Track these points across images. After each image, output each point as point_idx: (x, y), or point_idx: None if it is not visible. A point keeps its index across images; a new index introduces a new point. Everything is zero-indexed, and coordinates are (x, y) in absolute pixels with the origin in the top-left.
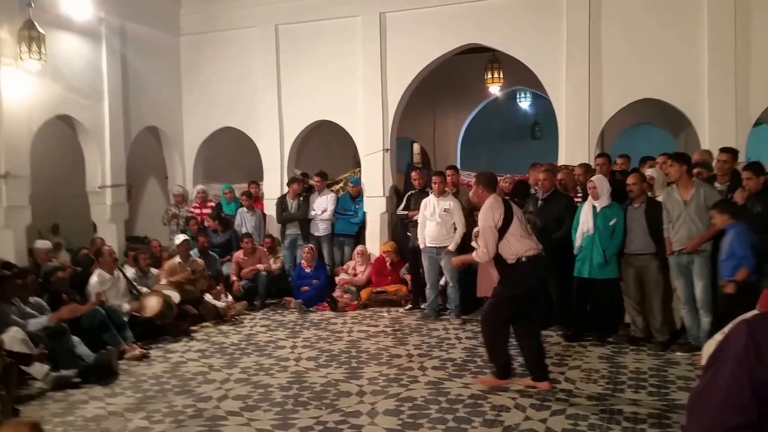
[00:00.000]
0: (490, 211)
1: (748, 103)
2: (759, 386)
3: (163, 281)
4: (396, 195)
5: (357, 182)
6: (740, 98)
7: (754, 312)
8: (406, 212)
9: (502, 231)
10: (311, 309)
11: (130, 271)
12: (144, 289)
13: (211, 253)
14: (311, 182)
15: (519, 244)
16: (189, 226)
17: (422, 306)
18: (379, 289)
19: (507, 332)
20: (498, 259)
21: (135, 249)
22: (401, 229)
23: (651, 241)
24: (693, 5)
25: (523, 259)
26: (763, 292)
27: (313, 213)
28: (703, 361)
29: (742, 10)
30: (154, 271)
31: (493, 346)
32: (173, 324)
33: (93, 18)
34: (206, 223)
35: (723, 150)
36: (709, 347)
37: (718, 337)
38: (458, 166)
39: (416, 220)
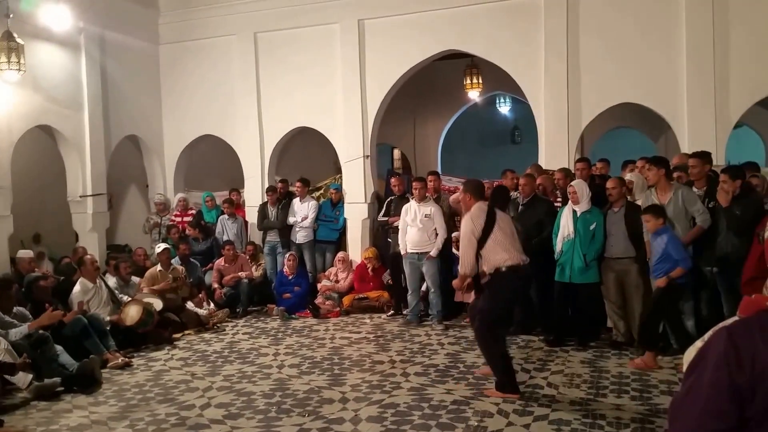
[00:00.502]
0: (470, 221)
1: (728, 106)
2: (739, 391)
3: (145, 290)
4: (377, 201)
5: (338, 188)
6: (719, 101)
7: (734, 318)
8: (386, 218)
9: (483, 240)
10: (293, 316)
11: (111, 280)
12: (125, 298)
13: (192, 260)
14: (292, 189)
15: (497, 254)
16: (170, 235)
17: (404, 312)
18: (361, 296)
19: (503, 347)
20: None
21: (116, 258)
22: (382, 235)
23: (631, 245)
24: (671, 10)
25: (503, 269)
26: (743, 298)
27: (292, 220)
28: (684, 367)
29: (720, 13)
30: (135, 279)
31: (494, 364)
32: (155, 332)
33: (72, 28)
34: (187, 231)
35: (692, 155)
36: (690, 354)
37: (699, 344)
38: (439, 172)
39: (397, 226)
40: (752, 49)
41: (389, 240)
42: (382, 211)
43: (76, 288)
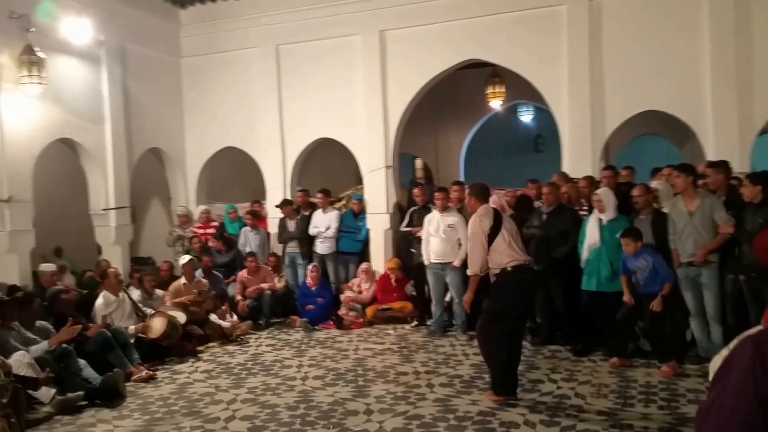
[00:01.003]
0: (478, 219)
1: (752, 113)
2: (764, 400)
3: (168, 302)
4: (399, 211)
5: (360, 199)
6: (743, 108)
7: (759, 327)
8: (409, 229)
9: (491, 239)
10: (317, 327)
11: (135, 293)
12: (149, 311)
13: (215, 273)
14: (312, 199)
15: (503, 255)
16: (193, 247)
17: (428, 323)
18: (384, 307)
19: (503, 348)
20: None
21: (140, 270)
22: (405, 245)
23: None
24: (694, 17)
25: (508, 269)
26: None
27: (315, 230)
28: (711, 375)
29: (743, 20)
30: (159, 292)
31: (490, 363)
32: (179, 345)
33: (92, 41)
34: (210, 243)
35: (708, 165)
36: (716, 362)
37: (725, 352)
38: (463, 181)
39: (420, 237)
40: None
41: (412, 250)
42: (405, 222)
43: (99, 301)
